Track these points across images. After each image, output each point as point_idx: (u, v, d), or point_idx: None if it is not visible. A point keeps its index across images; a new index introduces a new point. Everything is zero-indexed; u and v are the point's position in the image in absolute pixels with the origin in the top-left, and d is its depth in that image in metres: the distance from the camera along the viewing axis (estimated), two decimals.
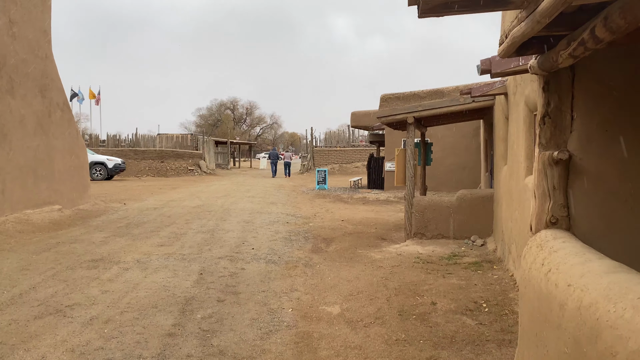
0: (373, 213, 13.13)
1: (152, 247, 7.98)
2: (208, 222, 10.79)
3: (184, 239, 8.74)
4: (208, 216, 11.81)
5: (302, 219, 11.70)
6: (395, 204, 15.58)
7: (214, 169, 33.16)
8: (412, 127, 8.22)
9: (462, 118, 9.94)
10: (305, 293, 5.56)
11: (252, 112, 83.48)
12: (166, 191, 18.83)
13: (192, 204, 14.46)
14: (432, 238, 8.21)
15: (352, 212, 13.40)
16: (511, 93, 6.10)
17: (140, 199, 15.91)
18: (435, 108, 7.89)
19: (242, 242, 8.54)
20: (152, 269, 6.54)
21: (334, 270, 6.65)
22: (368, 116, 18.39)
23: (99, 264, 6.73)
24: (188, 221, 10.93)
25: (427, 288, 5.56)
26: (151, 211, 12.72)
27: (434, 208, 8.15)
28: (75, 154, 13.04)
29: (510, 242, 6.01)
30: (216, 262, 6.97)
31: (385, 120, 8.05)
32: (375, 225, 10.90)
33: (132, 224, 10.45)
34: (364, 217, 12.27)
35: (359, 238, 9.16)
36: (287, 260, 7.19)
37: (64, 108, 12.48)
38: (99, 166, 24.05)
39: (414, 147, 8.30)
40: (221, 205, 14.20)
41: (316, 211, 13.45)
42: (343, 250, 8.00)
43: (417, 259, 7.08)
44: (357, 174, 31.55)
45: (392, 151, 18.27)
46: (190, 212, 12.60)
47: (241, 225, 10.40)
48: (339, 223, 11.13)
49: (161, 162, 29.36)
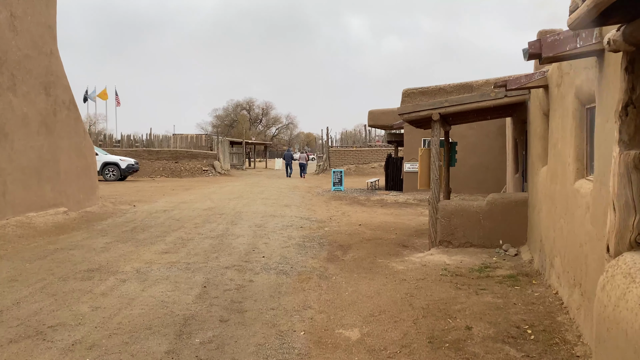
0: (392, 217, 12.42)
1: (156, 255, 7.41)
2: (218, 226, 10.20)
3: (190, 245, 8.16)
4: (218, 219, 11.23)
5: (317, 223, 11.05)
6: (415, 206, 14.84)
7: (228, 170, 32.72)
8: (437, 124, 7.51)
9: (490, 115, 9.20)
10: (319, 311, 4.91)
11: (268, 113, 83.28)
12: (178, 192, 18.36)
13: (204, 206, 13.91)
14: (460, 246, 7.49)
15: (370, 215, 12.70)
16: (554, 85, 5.37)
17: (151, 200, 15.43)
18: (463, 104, 7.17)
19: (252, 249, 7.92)
20: (152, 280, 5.95)
21: (352, 283, 5.98)
22: (386, 115, 17.67)
23: (95, 275, 6.16)
24: (197, 225, 10.36)
25: (459, 308, 4.86)
26: (160, 214, 12.19)
27: (462, 213, 7.42)
28: (83, 154, 12.58)
29: (552, 254, 5.27)
30: (222, 273, 6.35)
31: (407, 117, 7.36)
32: (395, 230, 10.19)
33: (138, 228, 9.91)
34: (383, 221, 11.57)
35: (378, 245, 8.48)
36: (300, 271, 6.54)
37: (70, 106, 12.03)
38: (111, 167, 23.73)
39: (439, 147, 7.59)
40: (233, 207, 13.63)
41: (332, 214, 12.79)
42: (361, 259, 7.33)
43: (444, 271, 6.37)
44: (374, 175, 30.80)
45: (411, 151, 17.53)
46: (201, 215, 12.04)
47: (252, 230, 9.79)
48: (356, 228, 10.46)
49: (175, 162, 28.99)
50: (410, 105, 7.34)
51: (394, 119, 17.79)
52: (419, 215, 12.75)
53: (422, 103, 7.35)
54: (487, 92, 7.21)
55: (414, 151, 17.48)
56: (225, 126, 74.08)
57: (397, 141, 20.77)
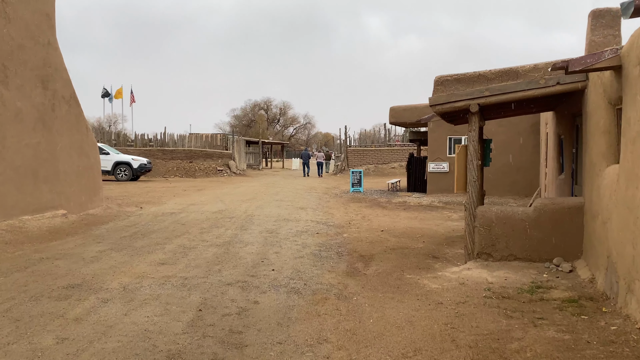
0: (417, 221, 11.34)
1: (151, 267, 6.49)
2: (226, 232, 9.27)
3: (191, 255, 7.23)
4: (227, 224, 10.30)
5: (335, 229, 10.04)
6: (441, 209, 13.73)
7: (244, 170, 31.94)
8: (475, 117, 6.44)
9: (536, 107, 8.10)
10: (338, 347, 3.91)
11: (286, 112, 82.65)
12: (190, 193, 17.54)
13: (214, 208, 13.03)
14: (502, 260, 6.40)
15: (393, 220, 11.65)
16: (633, 63, 4.27)
17: (160, 202, 14.62)
18: (506, 93, 6.10)
19: (261, 260, 6.95)
20: (139, 301, 5.02)
21: (377, 306, 4.97)
22: (409, 111, 16.59)
23: (74, 293, 5.26)
24: (203, 230, 9.44)
25: (517, 347, 3.80)
26: (166, 217, 11.33)
27: (504, 221, 6.34)
28: (85, 152, 11.80)
29: (631, 276, 4.18)
30: (223, 291, 5.39)
31: (440, 108, 6.32)
32: (422, 237, 9.13)
33: (139, 234, 9.04)
34: (408, 226, 10.51)
35: (405, 256, 7.43)
36: (315, 289, 5.55)
37: (71, 102, 11.24)
38: (123, 166, 23.08)
39: (477, 144, 6.51)
40: (245, 210, 12.70)
41: (351, 218, 11.78)
42: (386, 274, 6.30)
43: (488, 292, 5.31)
44: (394, 175, 29.67)
45: (436, 150, 16.41)
46: (209, 218, 11.14)
47: (263, 237, 8.83)
48: (378, 234, 9.42)
49: (190, 162, 28.29)
50: (443, 95, 6.31)
51: (418, 115, 16.69)
52: (446, 220, 11.66)
53: (458, 92, 6.30)
54: (535, 78, 6.13)
55: (438, 150, 16.37)
56: (243, 126, 73.64)
57: (419, 140, 19.65)
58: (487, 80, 6.04)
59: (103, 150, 23.10)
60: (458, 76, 5.84)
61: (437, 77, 5.70)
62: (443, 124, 16.28)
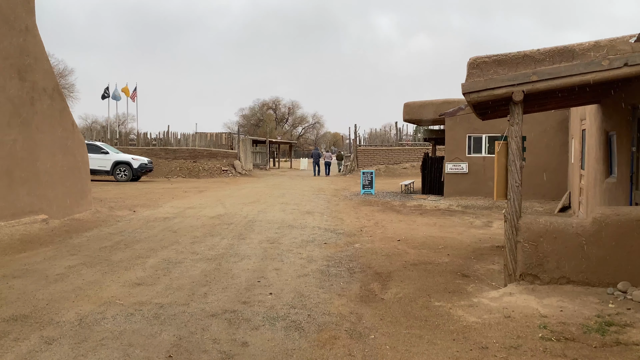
0: (437, 229, 10.14)
1: (123, 288, 5.37)
2: (220, 242, 8.14)
3: (176, 272, 6.11)
4: (224, 232, 9.18)
5: (345, 237, 8.88)
6: (461, 214, 12.51)
7: (250, 170, 30.87)
8: (519, 108, 5.24)
9: (591, 95, 6.86)
10: None
11: (294, 112, 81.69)
12: (190, 195, 16.47)
13: (212, 212, 11.92)
14: (551, 283, 5.20)
15: (409, 226, 10.46)
16: None
17: (156, 205, 13.55)
18: (560, 77, 4.91)
19: (257, 280, 5.81)
20: (94, 341, 3.90)
21: (401, 349, 3.80)
22: (425, 108, 15.38)
23: (14, 329, 4.14)
24: (195, 240, 8.33)
25: None
26: (158, 223, 10.24)
27: (555, 236, 5.14)
28: (70, 151, 10.74)
29: None
30: (205, 327, 4.25)
31: (476, 97, 5.14)
32: (446, 249, 7.94)
33: (122, 243, 7.94)
34: (427, 234, 9.31)
35: (429, 273, 6.26)
36: (321, 323, 4.39)
37: (54, 95, 10.18)
38: (123, 166, 22.08)
39: (520, 141, 5.32)
40: (246, 215, 11.58)
41: (362, 224, 10.61)
42: (409, 300, 5.13)
43: (544, 329, 4.12)
44: (406, 176, 28.44)
45: (454, 149, 15.18)
46: (205, 224, 10.02)
47: (262, 248, 7.69)
48: (394, 244, 8.25)
49: (193, 162, 27.27)
50: (480, 80, 5.15)
51: (434, 112, 15.47)
52: (469, 227, 10.45)
53: (499, 77, 5.13)
54: (595, 59, 4.94)
55: (457, 149, 15.14)
56: (251, 126, 72.80)
57: (435, 138, 18.42)
58: (535, 62, 4.86)
59: (102, 150, 22.16)
60: (498, 57, 4.70)
61: (472, 59, 4.59)
62: (462, 121, 15.05)
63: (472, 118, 14.97)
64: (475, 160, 14.96)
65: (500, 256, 7.49)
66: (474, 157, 14.97)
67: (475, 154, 14.97)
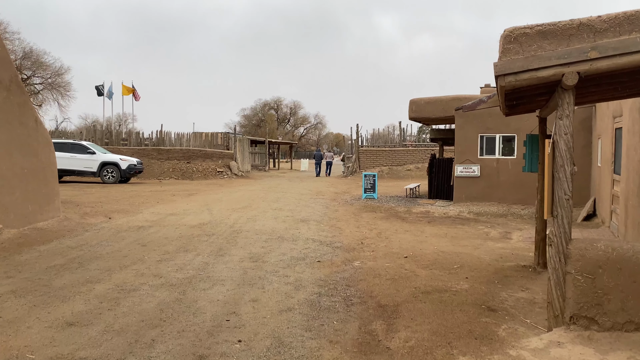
0: (448, 241, 8.84)
1: (47, 332, 4.09)
2: (194, 260, 6.85)
3: (124, 306, 4.82)
4: (202, 245, 7.90)
5: (343, 252, 7.59)
6: (474, 223, 11.19)
7: (248, 171, 29.59)
8: (569, 95, 3.94)
9: None
10: None
11: (296, 112, 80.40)
12: (178, 199, 15.19)
13: (195, 220, 10.64)
14: (615, 329, 3.90)
15: (417, 237, 9.16)
16: None
17: (137, 210, 12.28)
18: (630, 52, 3.63)
19: (226, 318, 4.52)
20: None
21: None
22: (433, 105, 14.06)
23: None
24: (164, 257, 7.04)
25: None
26: (131, 233, 8.97)
27: (620, 266, 3.85)
28: (32, 151, 9.47)
29: None
30: None
31: (514, 80, 3.84)
32: (462, 268, 6.65)
33: (76, 262, 6.66)
34: (438, 249, 8.01)
35: (446, 307, 4.96)
36: None
37: (11, 87, 8.92)
38: (110, 167, 20.82)
39: (570, 139, 4.01)
40: (232, 223, 10.29)
41: (364, 235, 9.32)
42: (424, 352, 3.83)
43: None
44: (409, 178, 27.13)
45: (465, 150, 13.87)
46: (182, 236, 8.74)
47: (242, 269, 6.39)
48: (401, 262, 6.95)
49: (187, 162, 26.00)
50: (519, 58, 3.85)
51: (443, 109, 14.16)
52: (485, 240, 9.14)
53: (545, 54, 3.85)
54: None
55: (468, 151, 13.83)
56: (252, 126, 71.56)
57: (442, 139, 17.10)
58: (594, 33, 3.58)
59: (88, 149, 20.93)
60: (544, 28, 3.44)
61: (509, 31, 3.36)
62: (474, 120, 13.74)
63: (484, 116, 13.66)
64: (488, 163, 13.64)
65: (530, 279, 6.19)
66: (487, 159, 13.65)
67: (488, 155, 13.65)
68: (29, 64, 45.04)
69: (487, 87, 15.40)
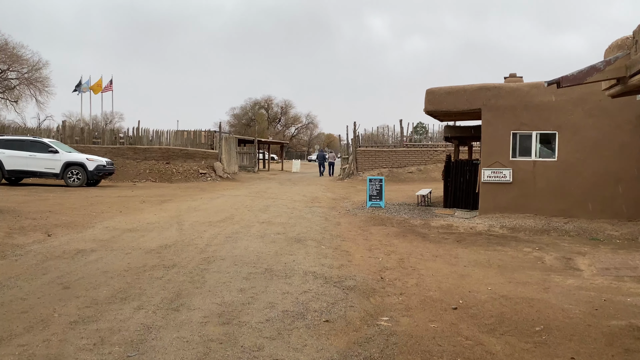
0: (498, 274, 6.42)
1: None
2: (129, 321, 4.34)
3: None
4: (153, 287, 5.39)
5: (360, 300, 5.13)
6: (514, 242, 8.79)
7: (235, 173, 27.04)
8: None
9: None
10: None
11: (287, 112, 77.92)
12: (146, 208, 12.64)
13: (158, 240, 8.13)
14: None
15: (454, 269, 6.73)
16: None
17: (88, 224, 9.75)
18: None
19: None
20: None
21: None
22: (455, 95, 11.62)
23: None
24: (86, 312, 4.52)
25: None
26: (59, 263, 6.45)
27: None
28: None
29: None
30: None
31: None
32: (550, 333, 4.23)
33: None
34: (495, 292, 5.57)
35: None
36: None
37: None
38: (75, 168, 18.16)
39: None
40: (204, 246, 7.79)
41: (381, 264, 6.88)
42: None
43: None
44: (412, 181, 24.77)
45: (493, 151, 11.46)
46: (131, 268, 6.23)
47: (202, 343, 3.90)
48: (451, 321, 4.51)
49: (166, 163, 23.38)
50: None
51: (467, 101, 11.75)
52: (546, 271, 6.73)
53: None
54: None
55: (497, 151, 11.43)
56: (242, 125, 68.94)
57: (459, 137, 14.71)
58: None
59: (50, 148, 18.27)
60: None
61: None
62: (504, 114, 11.36)
63: (518, 110, 11.27)
64: (522, 166, 11.26)
65: None
66: (521, 162, 11.27)
67: (522, 157, 11.26)
68: (4, 57, 42.12)
69: (513, 76, 13.01)
